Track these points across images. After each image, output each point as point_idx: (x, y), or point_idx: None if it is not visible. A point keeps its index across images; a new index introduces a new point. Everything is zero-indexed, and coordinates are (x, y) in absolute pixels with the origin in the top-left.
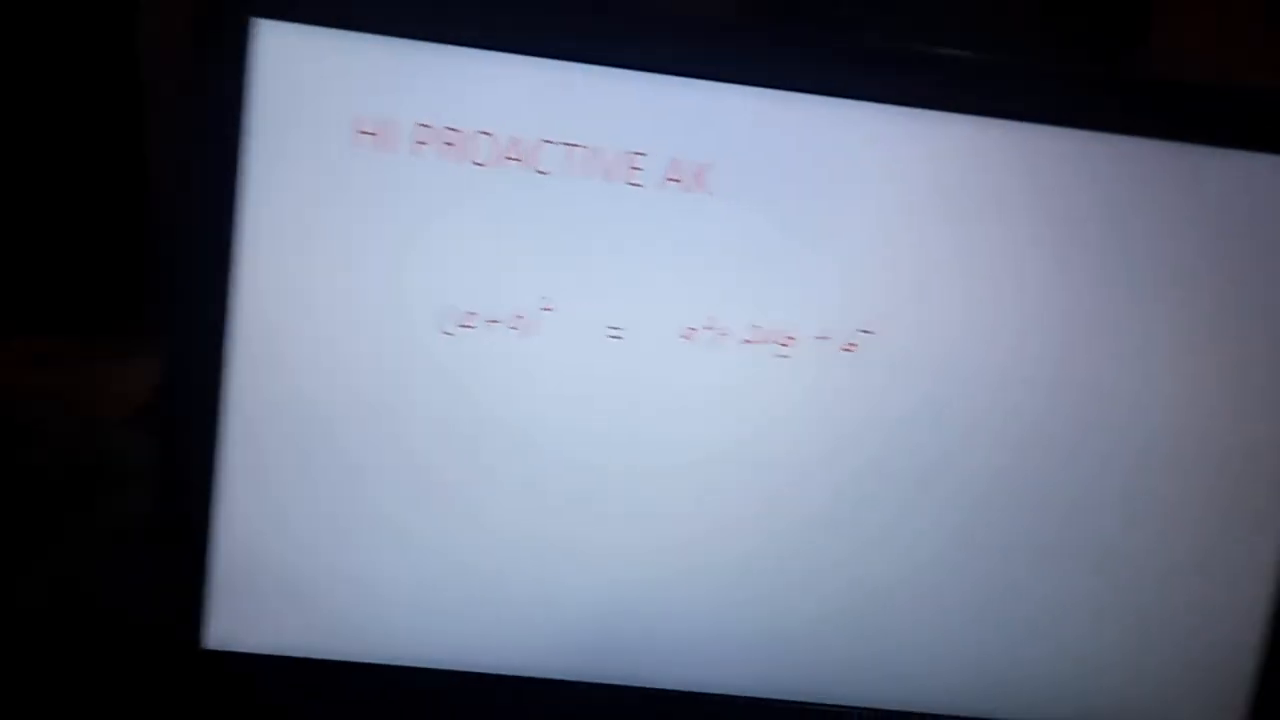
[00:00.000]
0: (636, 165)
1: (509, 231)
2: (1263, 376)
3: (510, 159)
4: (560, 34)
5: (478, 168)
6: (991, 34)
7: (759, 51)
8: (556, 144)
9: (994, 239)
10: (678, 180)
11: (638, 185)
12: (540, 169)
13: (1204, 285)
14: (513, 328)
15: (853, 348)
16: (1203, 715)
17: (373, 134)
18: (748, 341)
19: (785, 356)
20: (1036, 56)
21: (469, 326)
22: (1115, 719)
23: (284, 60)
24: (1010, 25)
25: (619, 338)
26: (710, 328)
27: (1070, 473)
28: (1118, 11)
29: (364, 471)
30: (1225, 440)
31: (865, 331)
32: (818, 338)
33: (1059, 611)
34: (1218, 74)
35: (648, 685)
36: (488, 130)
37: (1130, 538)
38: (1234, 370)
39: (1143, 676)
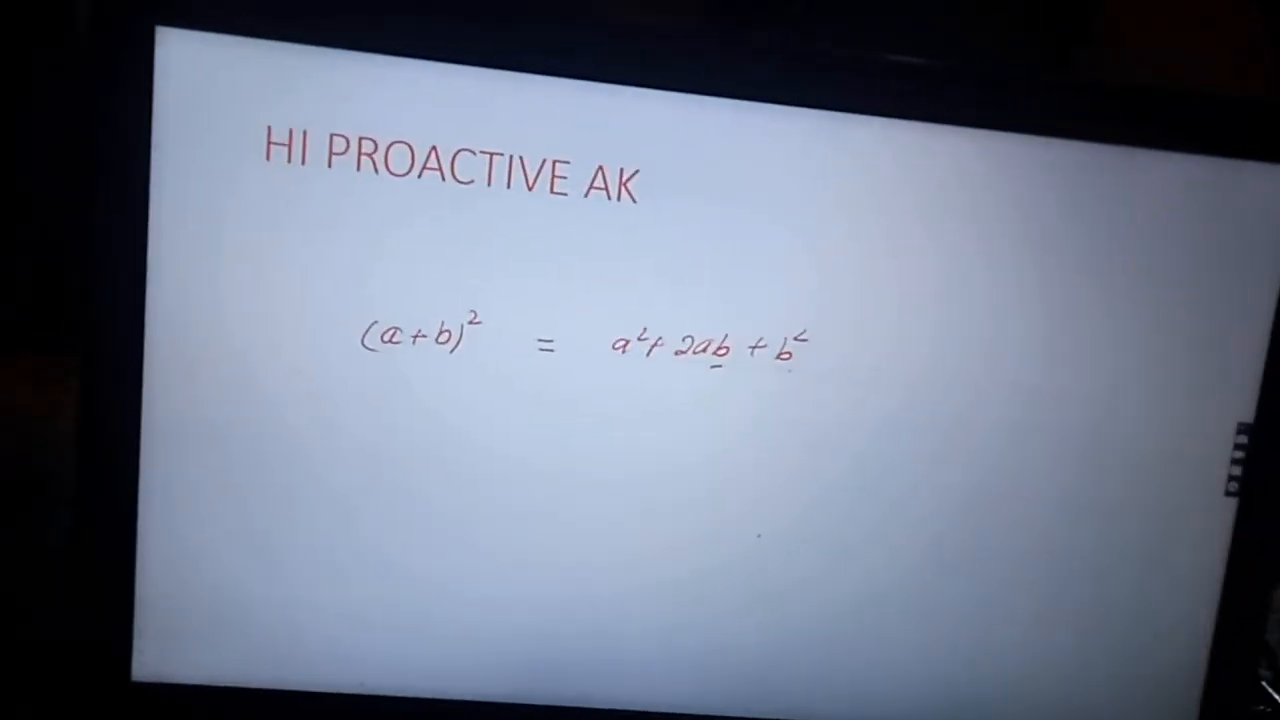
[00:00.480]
0: (560, 174)
1: (432, 244)
2: (1204, 377)
3: (430, 169)
4: (478, 40)
5: (396, 179)
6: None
7: (684, 57)
8: (477, 153)
9: (928, 242)
10: (603, 189)
11: (562, 194)
12: (461, 179)
13: (1144, 287)
14: (440, 342)
15: (788, 356)
16: (1156, 715)
17: (286, 145)
18: (681, 353)
19: (720, 367)
20: (975, 61)
21: (394, 342)
22: None
23: (190, 70)
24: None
25: (550, 350)
26: (643, 339)
27: (1013, 475)
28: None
29: (291, 494)
30: (1169, 440)
31: (800, 339)
32: (753, 347)
33: (1007, 615)
34: (1159, 78)
35: (593, 706)
36: (405, 140)
37: (1075, 539)
38: (1175, 370)
39: (1095, 677)
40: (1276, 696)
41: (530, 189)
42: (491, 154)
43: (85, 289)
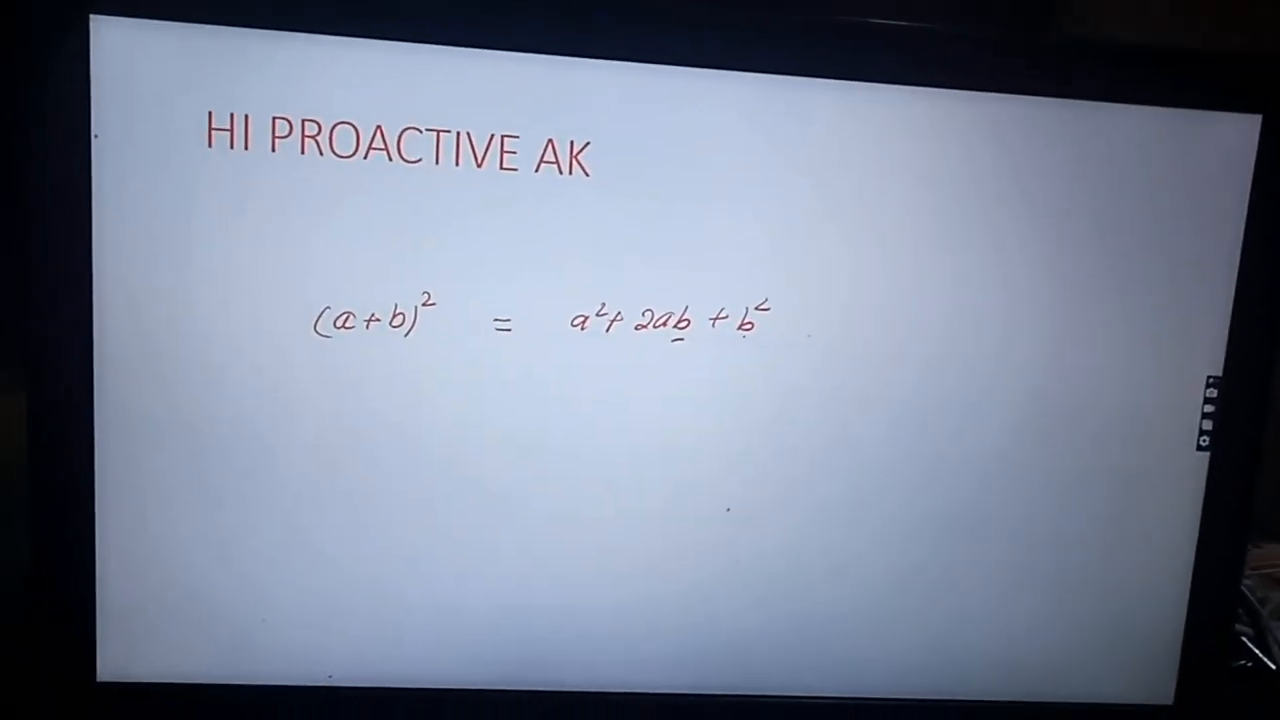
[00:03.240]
0: (510, 149)
1: (381, 225)
2: (1173, 331)
3: (376, 149)
4: (419, 16)
5: (342, 160)
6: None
7: (631, 26)
8: (424, 131)
9: (888, 206)
10: (554, 163)
11: (512, 170)
12: (408, 158)
13: (1109, 243)
14: (394, 325)
15: (750, 326)
16: (1134, 680)
17: (228, 131)
18: (641, 327)
19: (682, 340)
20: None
21: (347, 327)
22: (1049, 690)
23: (127, 58)
24: None
25: (507, 330)
26: (602, 314)
27: (982, 438)
28: None
29: (250, 485)
30: (1139, 396)
31: (762, 309)
32: (714, 319)
33: (983, 580)
34: (1102, 32)
35: (565, 689)
36: (349, 121)
37: (1048, 500)
38: (1143, 326)
39: (1075, 637)
40: (1256, 650)
41: (479, 165)
42: (438, 131)
43: (28, 286)
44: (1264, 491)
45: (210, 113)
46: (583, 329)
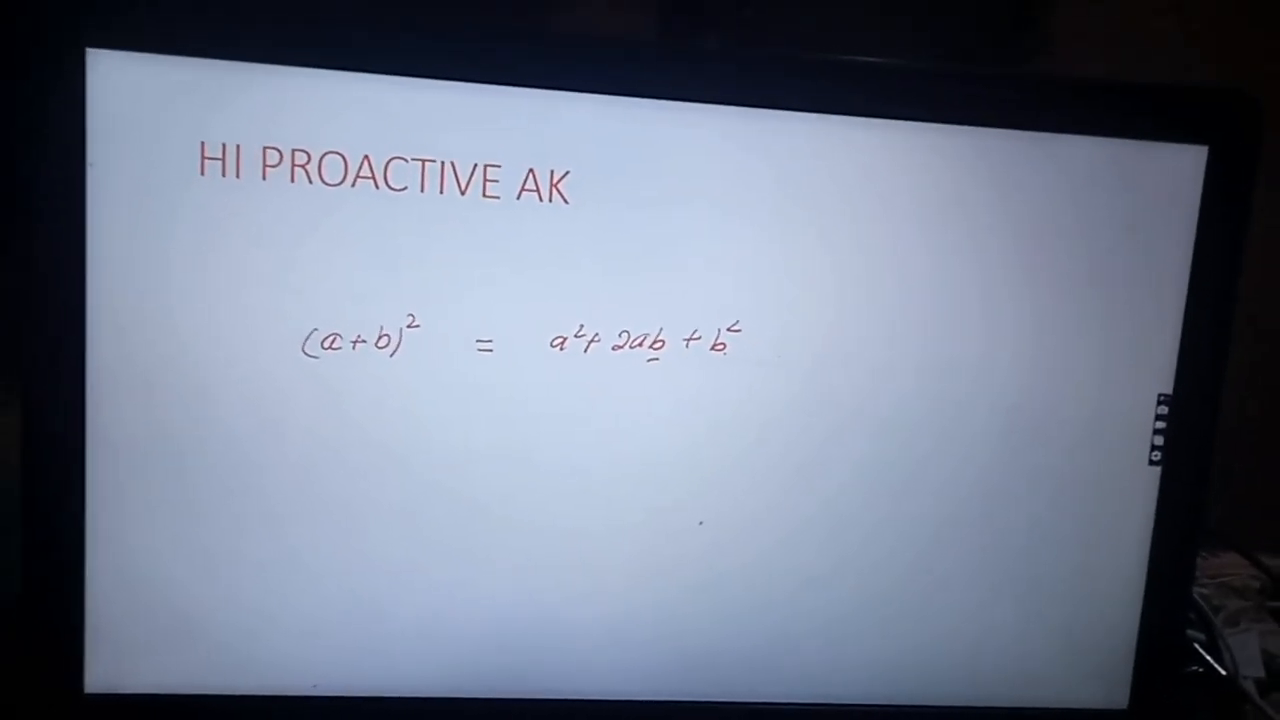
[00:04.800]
0: (492, 178)
1: (368, 251)
2: (1125, 351)
3: (363, 178)
4: (405, 51)
5: (331, 188)
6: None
7: (610, 61)
8: (409, 161)
9: (851, 231)
10: (535, 191)
11: (494, 198)
12: (394, 186)
13: (1064, 267)
14: (379, 347)
15: (723, 347)
16: (1091, 686)
17: (220, 160)
18: (618, 347)
19: (657, 359)
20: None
21: (334, 349)
22: (1009, 696)
23: (122, 91)
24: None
25: (489, 350)
26: (580, 335)
27: (945, 452)
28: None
29: (239, 501)
30: (1094, 413)
31: (734, 330)
32: (687, 339)
33: (946, 589)
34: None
35: (546, 697)
36: (338, 150)
37: (1007, 513)
38: (1097, 346)
39: (1032, 644)
40: (1208, 657)
41: (463, 194)
42: (424, 161)
43: (25, 309)
44: (1225, 503)
45: (203, 143)
46: (561, 349)
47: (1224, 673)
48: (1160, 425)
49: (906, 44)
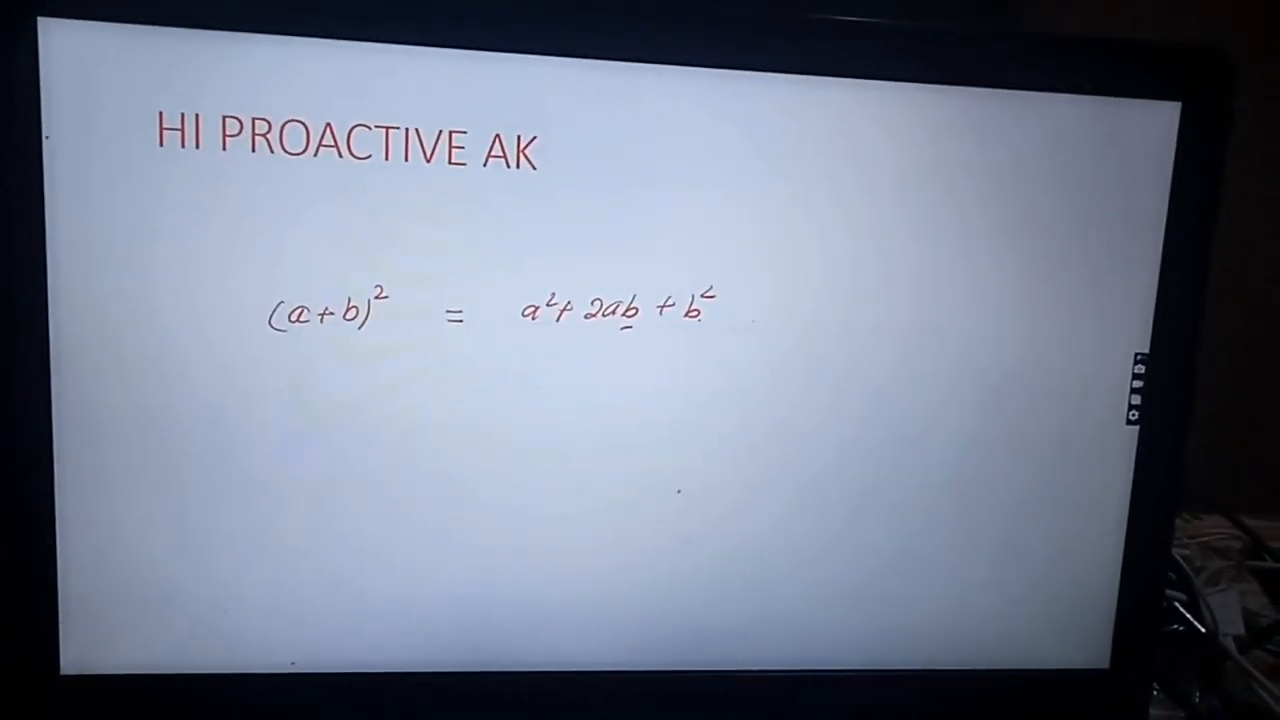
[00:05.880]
0: (458, 144)
1: (333, 221)
2: (1101, 311)
3: (326, 146)
4: (365, 15)
5: (293, 158)
6: None
7: (575, 22)
8: (373, 128)
9: (824, 193)
10: (502, 157)
11: (461, 164)
12: (358, 154)
13: (1039, 227)
14: (347, 319)
15: (697, 314)
16: (1072, 646)
17: (179, 130)
18: (590, 316)
19: (630, 328)
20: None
21: (301, 321)
22: (990, 658)
23: (76, 60)
24: None
25: (459, 321)
26: (552, 304)
27: (921, 415)
28: None
29: (208, 478)
30: (1070, 373)
31: (708, 296)
32: (661, 306)
33: (925, 551)
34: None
35: (525, 669)
36: (299, 119)
37: (985, 474)
38: (1072, 306)
39: (1013, 606)
40: (1188, 615)
41: (428, 160)
42: (387, 128)
43: None
44: (1208, 466)
45: (161, 113)
46: (533, 319)
47: (1204, 630)
48: (1137, 385)
49: (876, 2)
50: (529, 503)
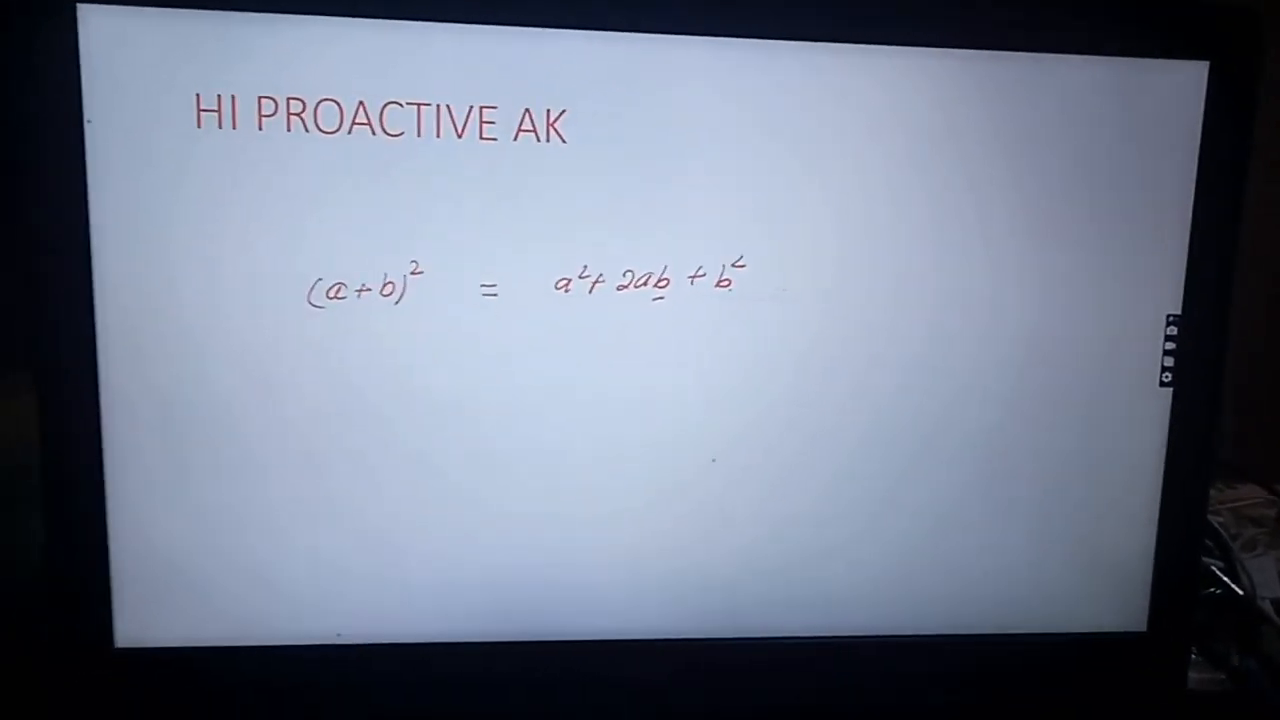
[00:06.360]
0: (489, 119)
1: (368, 198)
2: (1132, 273)
3: (359, 124)
4: None
5: (327, 136)
6: None
7: None
8: (405, 105)
9: (853, 161)
10: (532, 131)
11: (492, 139)
12: (391, 132)
13: (1069, 190)
14: (384, 294)
15: (728, 283)
16: (1110, 609)
17: (215, 111)
18: (622, 287)
19: (662, 298)
20: None
21: (339, 298)
22: (1029, 622)
23: (114, 45)
24: None
25: (494, 295)
26: (584, 276)
27: (955, 379)
28: None
29: (253, 454)
30: (1103, 336)
31: (738, 266)
32: (692, 276)
33: (961, 516)
34: None
35: (568, 638)
36: (333, 97)
37: (1021, 438)
38: (1104, 268)
39: (1050, 571)
40: (1225, 579)
41: (460, 136)
42: (419, 105)
43: (30, 269)
44: (1243, 435)
45: (198, 95)
46: (566, 291)
47: (1241, 593)
48: (1170, 346)
49: None
50: (565, 473)
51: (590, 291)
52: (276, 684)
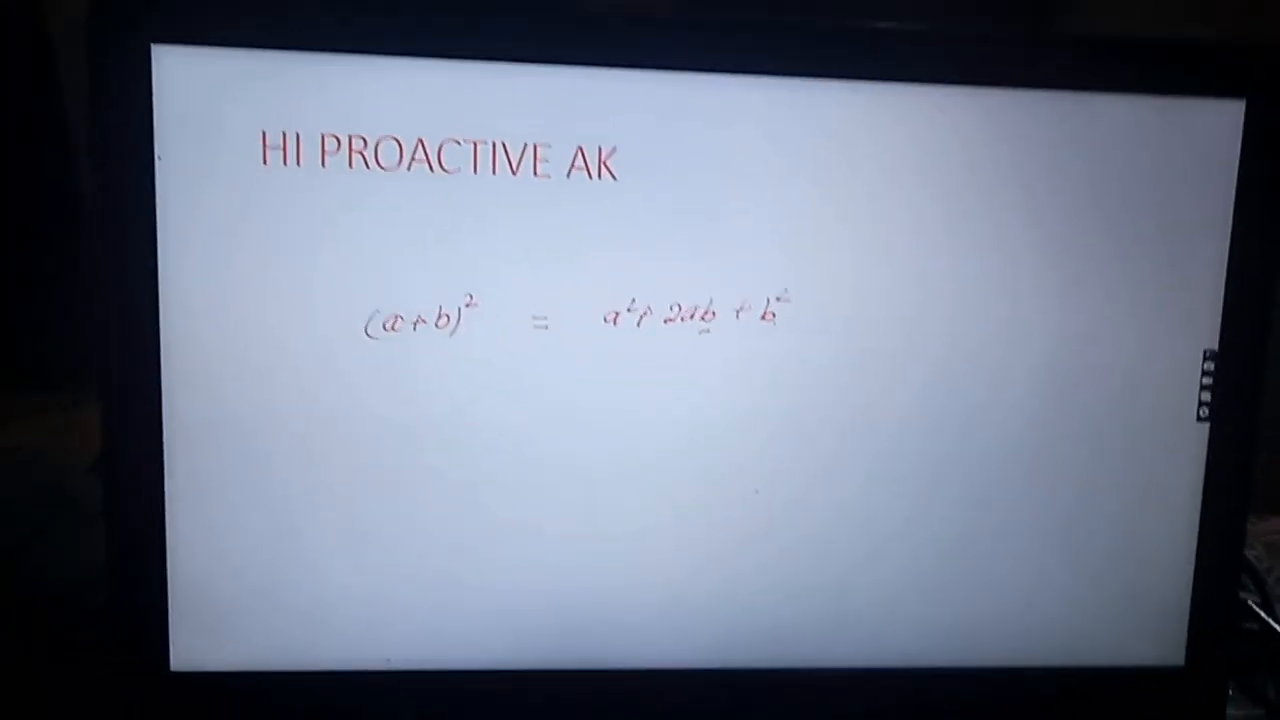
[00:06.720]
0: (543, 157)
1: (425, 232)
2: (1170, 308)
3: (418, 161)
4: (454, 34)
5: (387, 172)
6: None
7: (649, 36)
8: (462, 143)
9: (894, 197)
10: (584, 168)
11: (545, 176)
12: (448, 168)
13: (1107, 227)
14: (439, 326)
15: (771, 317)
16: (1147, 644)
17: (281, 149)
18: (670, 320)
19: (708, 331)
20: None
21: (395, 330)
22: (1066, 656)
23: (186, 84)
24: None
25: (545, 327)
26: (632, 309)
27: (994, 412)
28: None
29: (310, 482)
30: (1141, 370)
31: (782, 300)
32: (737, 310)
33: (999, 550)
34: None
35: (613, 667)
36: (393, 135)
37: (1059, 472)
38: (1142, 304)
39: (1086, 604)
40: (1263, 614)
41: (515, 173)
42: (475, 142)
43: (99, 301)
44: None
45: (264, 132)
46: (615, 324)
47: (1278, 628)
48: (1207, 381)
49: (925, 5)
50: (613, 503)
51: (638, 324)
52: (327, 709)
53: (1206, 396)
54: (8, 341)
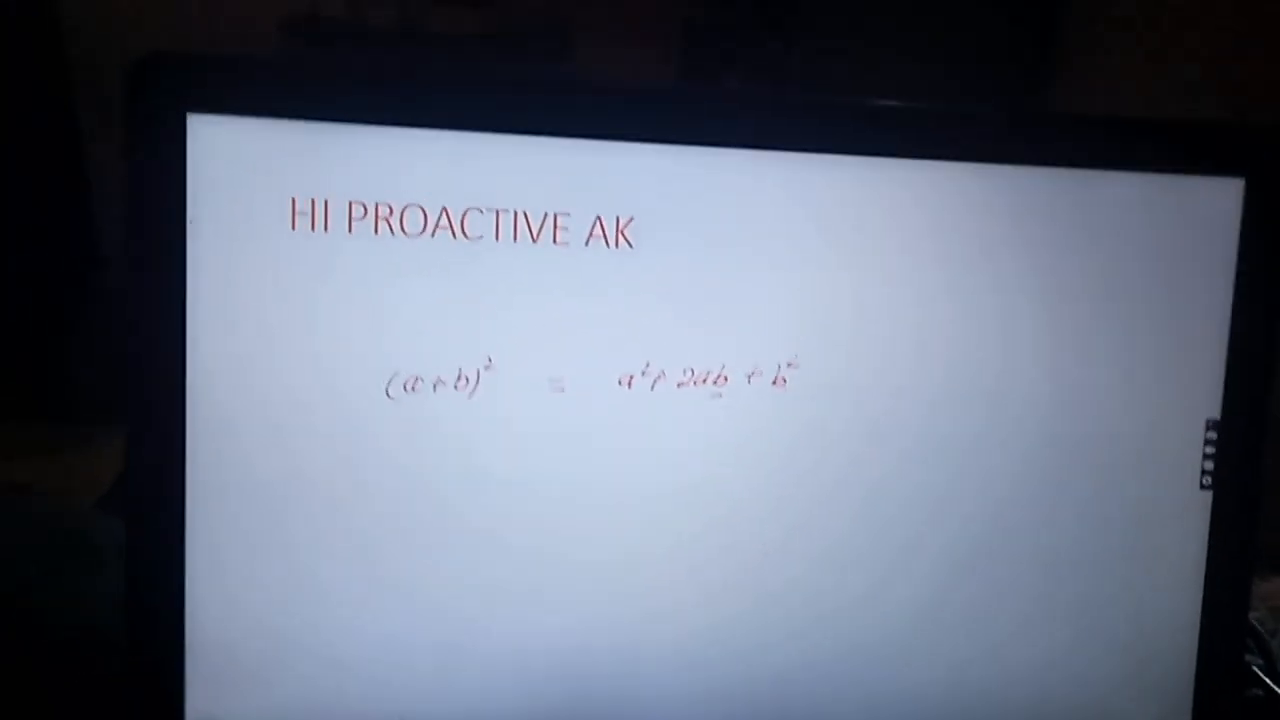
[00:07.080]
0: (562, 225)
1: (447, 297)
2: (1172, 378)
3: (442, 228)
4: (478, 108)
5: (412, 239)
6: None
7: (667, 111)
8: (484, 211)
9: (903, 268)
10: (602, 237)
11: (565, 244)
12: (471, 236)
13: (1110, 299)
14: (458, 388)
15: (782, 382)
16: (1150, 706)
17: (309, 215)
18: (683, 384)
19: (720, 395)
20: (941, 98)
21: (415, 391)
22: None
23: (219, 152)
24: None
25: (561, 390)
26: (646, 373)
27: (1000, 481)
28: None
29: (328, 539)
30: (1144, 439)
31: (792, 366)
32: (749, 375)
33: (1004, 618)
34: (1120, 102)
35: None
36: (418, 203)
37: (1062, 540)
38: (1145, 374)
39: (1091, 671)
40: (1268, 680)
41: (535, 241)
42: (498, 211)
43: (130, 359)
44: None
45: (293, 199)
46: (629, 387)
47: None
48: (1209, 450)
49: (921, 78)
50: (623, 564)
51: (652, 388)
52: None
53: (1209, 465)
54: (24, 376)
